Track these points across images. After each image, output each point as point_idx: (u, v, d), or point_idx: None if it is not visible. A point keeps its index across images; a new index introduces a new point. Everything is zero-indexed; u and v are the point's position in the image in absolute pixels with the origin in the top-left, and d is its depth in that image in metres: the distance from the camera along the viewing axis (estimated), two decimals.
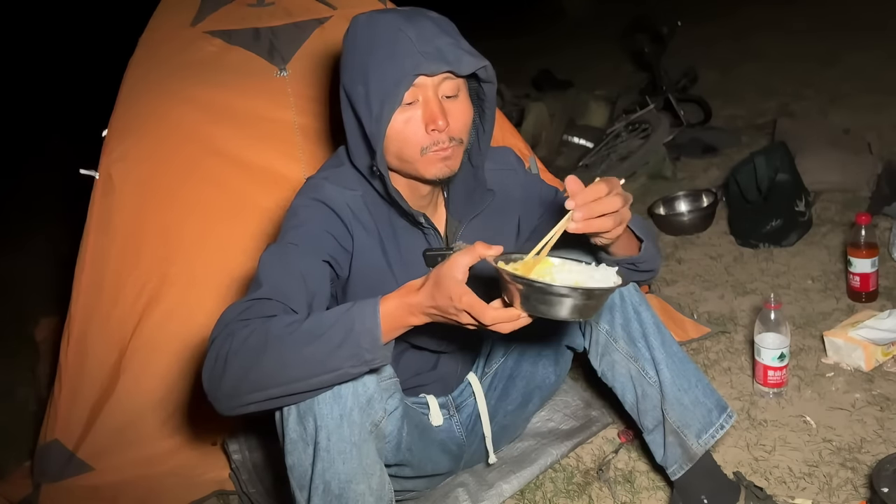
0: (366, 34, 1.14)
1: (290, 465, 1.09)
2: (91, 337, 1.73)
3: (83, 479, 1.70)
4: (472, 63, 1.12)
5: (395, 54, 1.10)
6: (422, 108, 1.13)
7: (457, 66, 1.11)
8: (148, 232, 1.74)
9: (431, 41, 1.10)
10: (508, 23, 8.31)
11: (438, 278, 0.98)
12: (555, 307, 0.90)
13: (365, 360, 0.99)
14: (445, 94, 1.14)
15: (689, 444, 1.33)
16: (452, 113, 1.14)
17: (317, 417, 1.04)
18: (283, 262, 1.12)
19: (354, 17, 1.18)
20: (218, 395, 1.02)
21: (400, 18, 1.12)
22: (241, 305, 1.06)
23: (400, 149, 1.15)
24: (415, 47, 1.09)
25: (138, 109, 1.77)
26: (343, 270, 1.22)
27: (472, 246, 0.99)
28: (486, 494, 1.52)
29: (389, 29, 1.11)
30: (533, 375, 1.49)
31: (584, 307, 0.91)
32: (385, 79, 1.10)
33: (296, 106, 1.81)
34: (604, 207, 1.02)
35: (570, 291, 0.89)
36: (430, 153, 1.14)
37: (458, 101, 1.16)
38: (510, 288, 0.94)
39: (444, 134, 1.13)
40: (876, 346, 1.75)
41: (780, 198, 2.47)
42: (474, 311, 0.96)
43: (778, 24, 5.42)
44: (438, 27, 1.13)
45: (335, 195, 1.20)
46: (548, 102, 3.95)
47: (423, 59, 1.09)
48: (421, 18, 1.13)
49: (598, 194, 1.01)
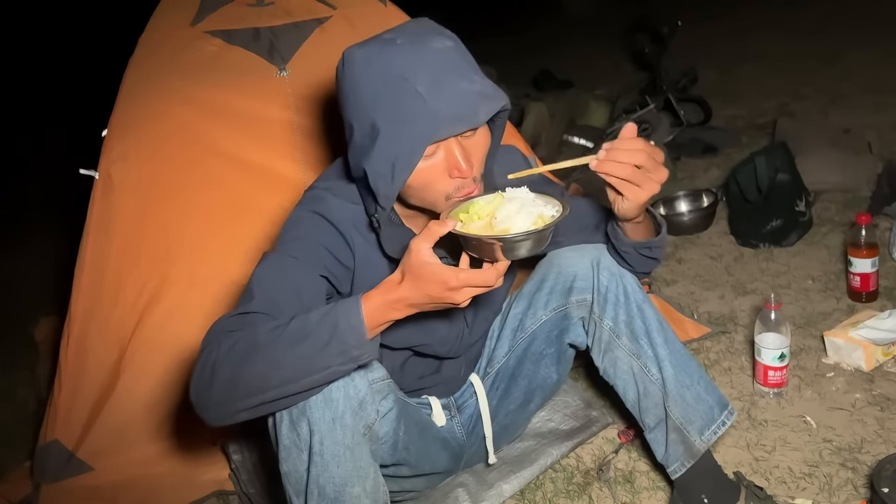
0: (365, 83, 1.03)
1: (285, 472, 1.09)
2: (91, 337, 1.73)
3: (83, 480, 1.70)
4: (488, 110, 1.04)
5: (406, 117, 1.00)
6: (444, 156, 1.06)
7: (473, 121, 1.03)
8: (148, 232, 1.74)
9: (443, 91, 1.00)
10: (508, 22, 8.32)
11: (415, 270, 0.97)
12: (530, 249, 1.00)
13: (353, 357, 0.99)
14: (465, 135, 1.07)
15: (691, 440, 1.33)
16: (473, 152, 1.08)
17: (310, 422, 1.04)
18: (280, 274, 1.11)
19: (348, 55, 1.06)
20: (207, 404, 1.01)
21: (401, 61, 1.01)
22: (230, 318, 1.05)
23: (421, 194, 1.10)
24: (426, 106, 0.99)
25: (138, 109, 1.77)
26: (343, 286, 1.20)
27: (426, 228, 0.99)
28: (486, 494, 1.52)
29: (392, 79, 1.00)
30: (535, 374, 1.49)
31: (543, 239, 1.01)
32: (397, 143, 1.01)
33: (296, 106, 1.81)
34: (623, 156, 1.05)
35: (532, 234, 0.98)
36: (455, 199, 1.09)
37: (476, 136, 1.09)
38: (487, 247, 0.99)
39: (469, 178, 1.09)
40: (876, 346, 1.75)
41: (780, 198, 2.47)
42: (476, 281, 0.96)
43: (778, 24, 5.42)
44: (447, 62, 1.02)
45: (337, 209, 1.18)
46: (548, 102, 3.95)
47: (437, 121, 1.00)
48: (426, 55, 1.01)
49: (627, 136, 1.06)
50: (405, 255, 0.99)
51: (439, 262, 0.97)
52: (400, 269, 1.00)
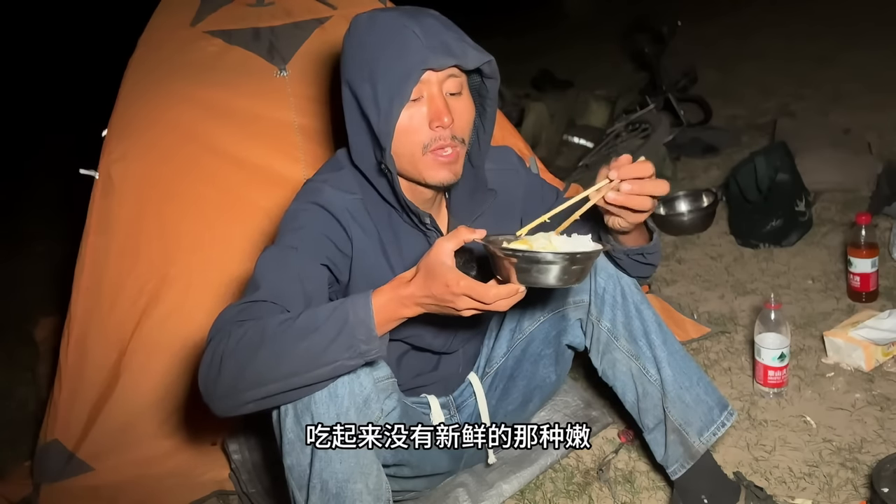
0: (370, 32, 1.13)
1: (288, 466, 1.09)
2: (91, 337, 1.73)
3: (83, 480, 1.70)
4: (477, 57, 1.12)
5: (402, 50, 1.09)
6: (427, 105, 1.13)
7: (463, 59, 1.11)
8: (148, 232, 1.74)
9: (437, 36, 1.10)
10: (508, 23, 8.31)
11: (429, 267, 0.98)
12: (546, 274, 0.96)
13: (361, 352, 0.99)
14: (449, 91, 1.14)
15: (690, 441, 1.33)
16: (456, 110, 1.14)
17: (314, 418, 1.04)
18: (282, 264, 1.12)
19: (356, 17, 1.17)
20: (215, 394, 1.02)
21: (404, 16, 1.12)
22: (238, 307, 1.06)
23: (402, 145, 1.15)
24: (421, 42, 1.09)
25: (138, 109, 1.77)
26: (342, 275, 1.22)
27: (455, 231, 1.00)
28: (486, 494, 1.52)
29: (394, 26, 1.11)
30: (534, 375, 1.49)
31: (572, 271, 0.97)
32: (393, 75, 1.09)
33: (296, 106, 1.81)
34: (651, 188, 1.05)
35: (558, 257, 0.95)
36: (430, 152, 1.14)
37: (461, 98, 1.16)
38: (504, 264, 0.97)
39: (448, 131, 1.13)
40: (876, 346, 1.75)
41: (780, 198, 2.47)
42: (474, 292, 0.96)
43: (778, 24, 5.43)
44: (443, 24, 1.13)
45: (334, 199, 1.20)
46: (548, 102, 3.96)
47: (430, 52, 1.08)
48: (424, 16, 1.13)
49: (647, 172, 1.04)
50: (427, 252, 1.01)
51: (452, 265, 0.98)
52: (416, 266, 1.02)
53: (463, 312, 1.00)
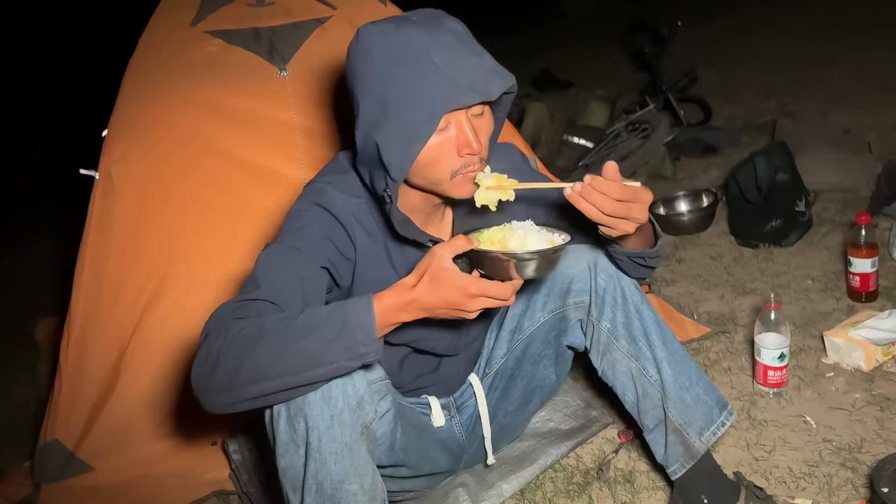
0: (382, 53, 1.05)
1: (282, 468, 1.09)
2: (91, 337, 1.73)
3: (83, 480, 1.70)
4: (501, 86, 1.08)
5: (422, 86, 1.02)
6: (455, 132, 1.09)
7: (487, 94, 1.06)
8: (148, 232, 1.74)
9: (458, 63, 1.03)
10: (508, 23, 8.31)
11: (434, 274, 1.00)
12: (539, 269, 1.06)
13: (359, 354, 0.99)
14: (474, 114, 1.10)
15: (690, 441, 1.33)
16: (481, 131, 1.12)
17: (307, 418, 1.04)
18: (282, 264, 1.11)
19: (364, 29, 1.09)
20: (208, 390, 1.01)
21: (420, 36, 1.04)
22: (235, 304, 1.05)
23: (427, 171, 1.11)
24: (443, 76, 1.02)
25: (138, 109, 1.77)
26: (344, 279, 1.21)
27: (451, 240, 1.03)
28: (486, 494, 1.52)
29: (411, 52, 1.03)
30: (534, 375, 1.49)
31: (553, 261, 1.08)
32: (412, 114, 1.03)
33: (296, 106, 1.81)
34: (598, 200, 1.04)
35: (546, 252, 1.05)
36: (459, 175, 1.12)
37: (483, 118, 1.13)
38: (503, 264, 1.04)
39: (477, 156, 1.11)
40: (876, 346, 1.75)
41: (780, 198, 2.47)
42: (490, 292, 1.00)
43: (778, 24, 5.42)
44: (460, 41, 1.06)
45: (338, 202, 1.18)
46: (548, 102, 3.95)
47: (454, 90, 1.02)
48: (442, 32, 1.05)
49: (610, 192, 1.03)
50: (424, 259, 1.02)
51: (458, 270, 1.00)
52: (416, 273, 1.02)
53: (472, 314, 1.02)
